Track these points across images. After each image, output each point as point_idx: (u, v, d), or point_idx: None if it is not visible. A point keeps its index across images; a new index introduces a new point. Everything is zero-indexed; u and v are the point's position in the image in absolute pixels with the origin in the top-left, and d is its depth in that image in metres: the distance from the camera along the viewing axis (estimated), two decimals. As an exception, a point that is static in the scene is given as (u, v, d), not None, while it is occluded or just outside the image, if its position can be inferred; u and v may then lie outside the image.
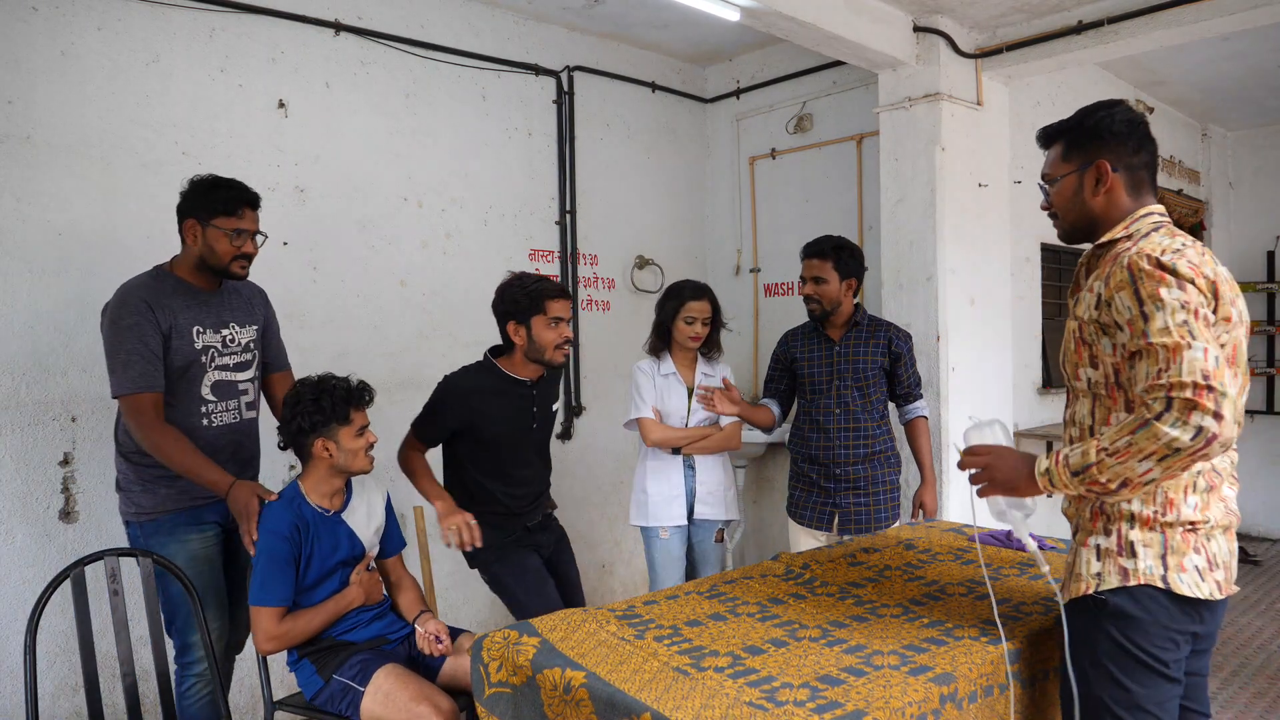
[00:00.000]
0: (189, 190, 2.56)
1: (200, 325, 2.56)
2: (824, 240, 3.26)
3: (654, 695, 1.54)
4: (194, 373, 2.55)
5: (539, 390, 2.86)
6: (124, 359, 2.40)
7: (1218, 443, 1.48)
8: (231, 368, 2.64)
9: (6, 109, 2.90)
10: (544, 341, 2.74)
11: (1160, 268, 1.58)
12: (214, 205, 2.52)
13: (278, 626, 2.30)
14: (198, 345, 2.55)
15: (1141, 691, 1.66)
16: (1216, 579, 1.67)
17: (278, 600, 2.30)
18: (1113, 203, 1.78)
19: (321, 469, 2.42)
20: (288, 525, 2.34)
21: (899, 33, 3.87)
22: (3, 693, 2.89)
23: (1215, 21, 3.45)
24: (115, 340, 2.43)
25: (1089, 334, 1.70)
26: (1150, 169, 1.80)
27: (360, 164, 3.73)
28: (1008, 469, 1.72)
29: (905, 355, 3.29)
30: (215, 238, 2.53)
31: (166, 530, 2.52)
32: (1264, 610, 4.91)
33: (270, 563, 2.31)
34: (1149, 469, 1.52)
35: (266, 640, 2.30)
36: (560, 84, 4.44)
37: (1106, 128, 1.77)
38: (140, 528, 2.54)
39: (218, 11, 3.33)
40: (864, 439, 3.25)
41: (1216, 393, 1.48)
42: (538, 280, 2.78)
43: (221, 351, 2.61)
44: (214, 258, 2.54)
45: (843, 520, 3.26)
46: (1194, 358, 1.50)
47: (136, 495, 2.53)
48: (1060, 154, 1.84)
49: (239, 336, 2.67)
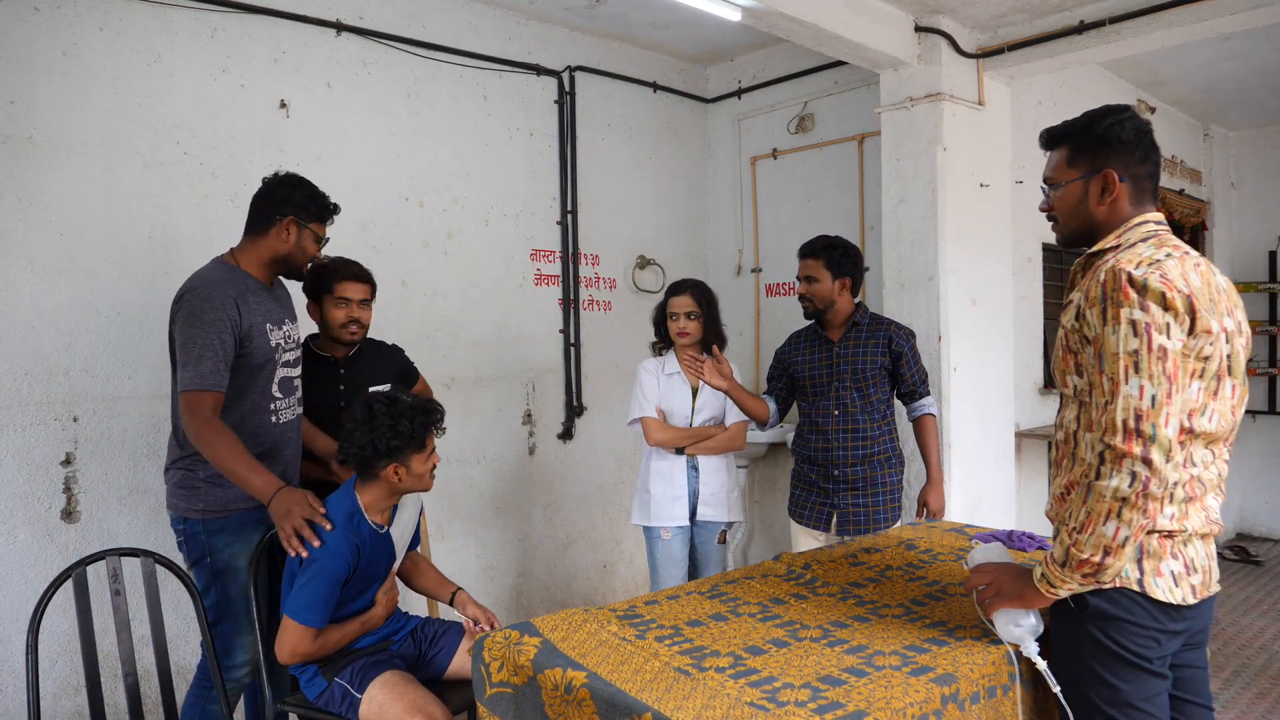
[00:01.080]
0: (286, 187, 2.55)
1: (271, 322, 2.55)
2: (816, 240, 3.27)
3: (655, 695, 1.54)
4: (268, 370, 2.54)
5: (347, 369, 2.92)
6: (198, 353, 2.35)
7: (1153, 484, 1.52)
8: (291, 364, 2.65)
9: (9, 109, 2.90)
10: (331, 320, 2.83)
11: (1130, 282, 1.58)
12: (315, 208, 2.57)
13: (310, 645, 2.23)
14: (271, 343, 2.54)
15: (1129, 688, 1.66)
16: (1193, 583, 1.67)
17: (320, 622, 2.23)
18: (1115, 211, 1.77)
19: (384, 489, 2.35)
20: (350, 548, 2.26)
21: (900, 33, 3.87)
22: (5, 692, 2.89)
23: (1217, 21, 3.45)
24: (193, 333, 2.37)
25: (1073, 343, 1.70)
26: (1154, 178, 1.79)
27: (362, 164, 3.73)
28: (1012, 581, 1.77)
29: (907, 353, 3.26)
30: (308, 240, 2.58)
31: (233, 529, 2.49)
32: (1266, 610, 4.90)
33: (326, 585, 2.23)
34: (1116, 528, 1.55)
35: (293, 655, 2.23)
36: (562, 84, 4.44)
37: (1116, 135, 1.75)
38: (203, 524, 2.48)
39: (219, 12, 3.34)
40: (863, 440, 3.24)
41: (1144, 437, 1.52)
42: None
43: (285, 347, 2.61)
44: (300, 257, 2.59)
45: (841, 520, 3.25)
46: (1129, 394, 1.55)
47: (203, 491, 2.48)
48: (1065, 158, 1.82)
49: (293, 333, 2.67)
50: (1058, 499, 1.77)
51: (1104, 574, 1.59)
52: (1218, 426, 1.66)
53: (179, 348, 2.40)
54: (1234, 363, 1.67)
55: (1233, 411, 1.69)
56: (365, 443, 2.28)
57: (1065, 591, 1.66)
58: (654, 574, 3.30)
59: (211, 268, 2.52)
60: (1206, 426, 1.65)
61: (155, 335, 3.17)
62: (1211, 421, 1.65)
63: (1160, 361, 1.54)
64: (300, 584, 2.24)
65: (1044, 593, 1.68)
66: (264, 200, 2.55)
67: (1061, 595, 1.67)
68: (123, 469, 3.12)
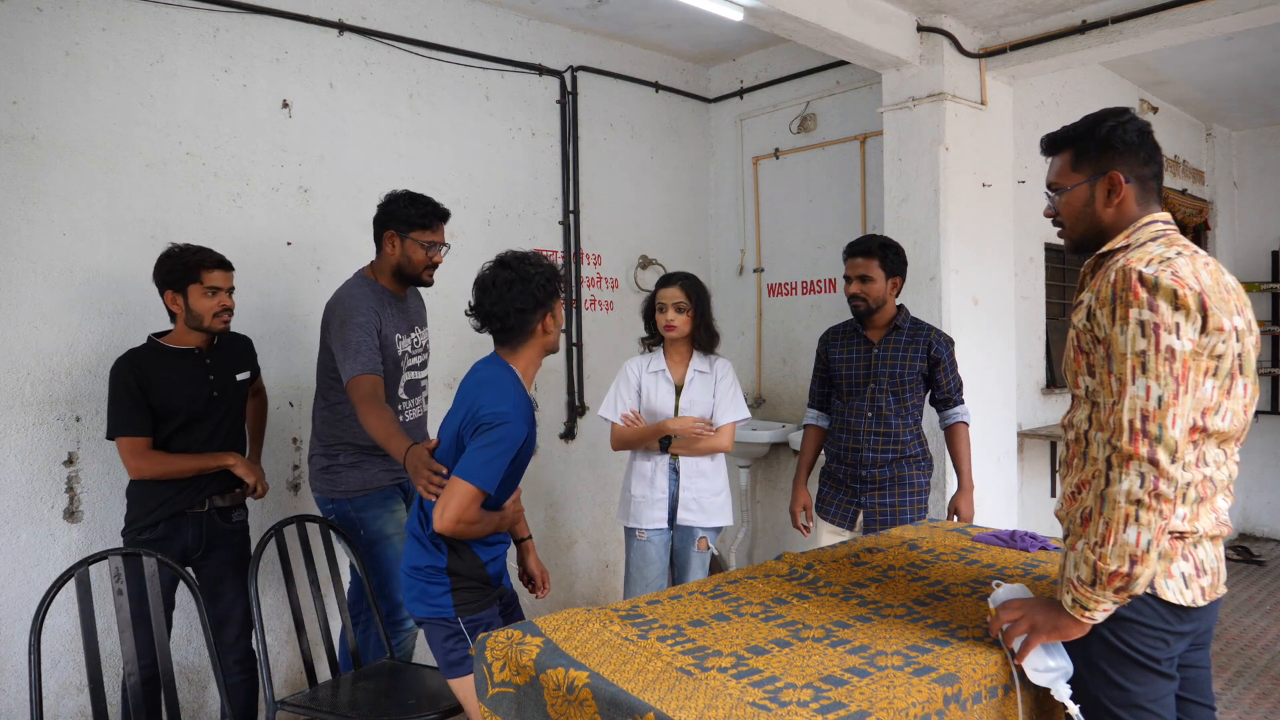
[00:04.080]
0: (388, 204, 2.87)
1: (399, 331, 2.89)
2: (870, 238, 3.24)
3: (657, 695, 1.54)
4: (394, 374, 2.87)
5: (213, 358, 2.90)
6: (355, 347, 2.69)
7: (1163, 484, 1.51)
8: (418, 367, 3.00)
9: (11, 109, 2.91)
10: (201, 309, 2.78)
11: (1141, 281, 1.57)
12: (411, 219, 2.84)
13: (474, 513, 2.15)
14: (398, 350, 2.88)
15: (1138, 689, 1.66)
16: (1202, 585, 1.67)
17: (492, 488, 2.14)
18: (1122, 214, 1.76)
19: (535, 350, 2.31)
20: (528, 414, 2.17)
21: (902, 32, 3.87)
22: (7, 692, 2.89)
23: (1220, 21, 3.44)
24: (347, 334, 2.72)
25: (1085, 343, 1.70)
26: (1158, 178, 1.79)
27: (364, 164, 3.73)
28: (1045, 614, 1.69)
29: (945, 360, 3.23)
30: (412, 248, 2.86)
31: (378, 503, 2.90)
32: (1268, 611, 4.90)
33: (505, 451, 2.14)
34: (1138, 533, 1.52)
35: (456, 523, 2.13)
36: (564, 84, 4.44)
37: (1119, 138, 1.74)
38: (350, 503, 2.88)
39: (222, 12, 3.34)
40: (893, 443, 3.21)
41: (1151, 438, 1.52)
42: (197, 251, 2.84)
43: (411, 353, 2.95)
44: (410, 266, 2.88)
45: (868, 519, 3.23)
46: (1135, 395, 1.54)
47: (345, 474, 2.88)
48: (1069, 163, 1.80)
49: (420, 338, 3.03)
50: (1068, 498, 1.76)
51: (1135, 584, 1.56)
52: (1231, 425, 1.66)
53: (338, 349, 2.74)
54: (1245, 362, 1.66)
55: (1245, 410, 1.68)
56: (518, 296, 2.23)
57: (1101, 614, 1.61)
58: (627, 574, 3.23)
59: (354, 281, 2.90)
60: (1220, 425, 1.64)
61: (158, 335, 3.17)
62: (1225, 420, 1.65)
63: (1168, 362, 1.54)
64: (475, 447, 2.15)
65: (1079, 619, 1.62)
66: (375, 219, 2.90)
67: (1098, 619, 1.62)
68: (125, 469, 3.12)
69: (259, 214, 3.44)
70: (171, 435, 2.75)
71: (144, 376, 2.70)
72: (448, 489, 2.15)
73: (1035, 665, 1.70)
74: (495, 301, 2.27)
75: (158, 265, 2.77)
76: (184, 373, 2.78)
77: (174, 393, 2.73)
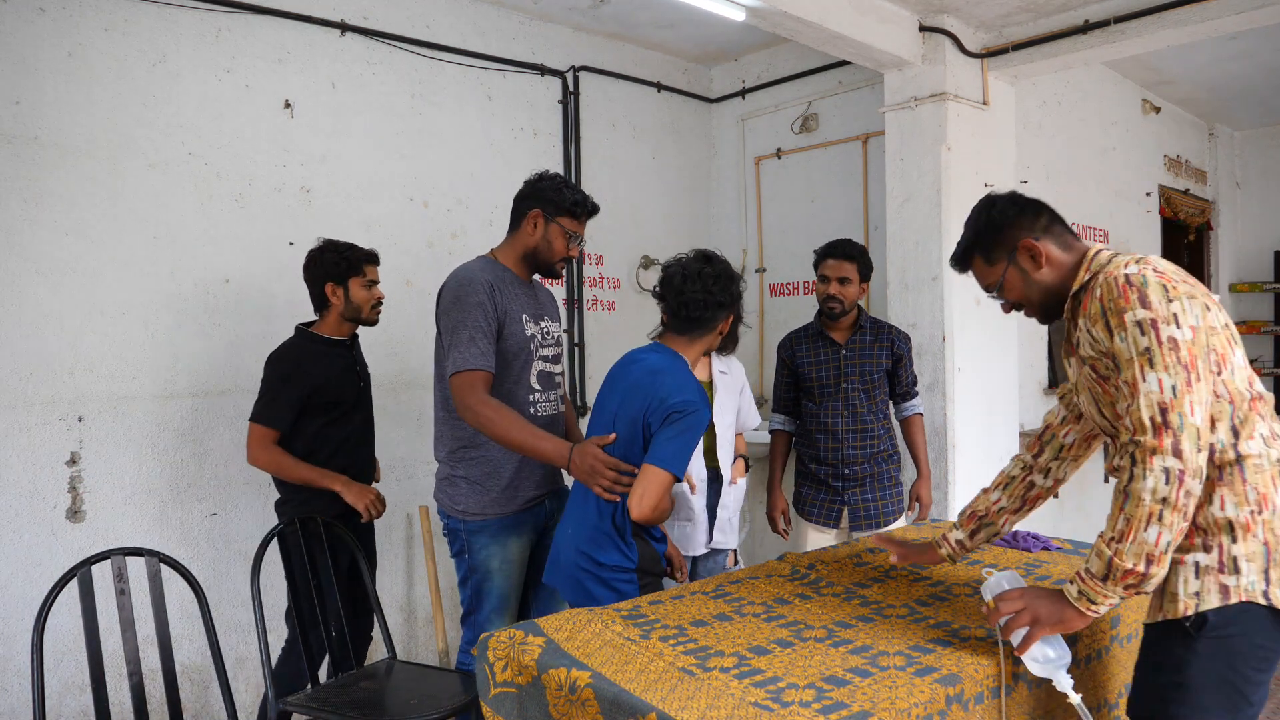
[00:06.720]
0: (539, 181, 2.63)
1: (527, 314, 2.60)
2: (849, 243, 3.29)
3: (659, 695, 1.54)
4: (524, 360, 2.58)
5: (353, 349, 2.96)
6: (468, 336, 2.42)
7: (1189, 478, 1.50)
8: (550, 359, 2.70)
9: (14, 110, 2.91)
10: (360, 300, 2.87)
11: (1128, 283, 1.59)
12: (563, 204, 2.59)
13: (668, 501, 2.17)
14: (527, 333, 2.58)
15: (1230, 718, 1.59)
16: None
17: (683, 474, 2.16)
18: (1058, 265, 1.81)
19: (704, 345, 2.34)
20: (706, 400, 2.19)
21: (905, 32, 3.87)
22: (10, 691, 2.90)
23: (1222, 20, 3.44)
24: (458, 318, 2.44)
25: (1104, 368, 1.69)
26: (1060, 221, 1.85)
27: (366, 164, 3.73)
28: (1049, 605, 1.65)
29: (905, 356, 3.36)
30: (555, 233, 2.60)
31: (490, 532, 2.58)
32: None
33: (695, 438, 2.16)
34: (1159, 534, 1.51)
35: (655, 510, 2.13)
36: (565, 84, 4.44)
37: (1003, 217, 1.82)
38: (463, 524, 2.59)
39: (224, 12, 3.34)
40: (870, 439, 3.30)
41: (1172, 428, 1.50)
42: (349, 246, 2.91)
43: (542, 343, 2.66)
44: (548, 252, 2.61)
45: (852, 516, 3.31)
46: (1149, 390, 1.54)
47: (464, 493, 2.58)
48: (983, 263, 1.88)
49: (552, 330, 2.72)
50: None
51: (1148, 584, 1.54)
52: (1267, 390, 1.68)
53: (446, 334, 2.47)
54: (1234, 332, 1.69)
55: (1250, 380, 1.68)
56: (719, 291, 2.28)
57: (1106, 607, 1.59)
58: None
59: (472, 261, 2.62)
60: (1262, 389, 1.67)
61: (160, 335, 3.18)
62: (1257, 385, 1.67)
63: (1173, 352, 1.54)
64: (667, 435, 2.15)
65: (1084, 611, 1.60)
66: (519, 196, 2.64)
67: (1102, 612, 1.60)
68: (128, 469, 3.13)
69: (261, 214, 3.45)
70: (329, 424, 2.80)
71: (305, 369, 2.77)
72: (642, 477, 2.14)
73: (1035, 656, 1.69)
74: (698, 290, 2.28)
75: (317, 258, 2.87)
76: (339, 363, 2.87)
77: (335, 383, 2.82)
